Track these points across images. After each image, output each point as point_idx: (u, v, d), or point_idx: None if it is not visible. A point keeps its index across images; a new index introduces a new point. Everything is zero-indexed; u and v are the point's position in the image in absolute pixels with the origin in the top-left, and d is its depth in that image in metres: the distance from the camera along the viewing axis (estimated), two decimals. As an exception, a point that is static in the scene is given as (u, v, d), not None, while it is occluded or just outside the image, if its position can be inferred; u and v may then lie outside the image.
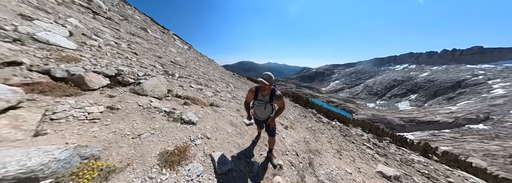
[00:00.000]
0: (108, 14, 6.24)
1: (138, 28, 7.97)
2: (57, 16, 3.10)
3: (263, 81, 1.28)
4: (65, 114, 1.08)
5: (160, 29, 13.13)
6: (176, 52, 8.48)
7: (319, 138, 4.26)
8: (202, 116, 1.93)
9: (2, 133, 0.78)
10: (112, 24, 5.47)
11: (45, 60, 1.52)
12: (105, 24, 4.80)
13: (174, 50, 8.61)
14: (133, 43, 4.56)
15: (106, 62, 2.11)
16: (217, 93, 3.77)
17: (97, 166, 0.81)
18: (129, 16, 9.53)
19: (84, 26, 3.41)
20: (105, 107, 1.31)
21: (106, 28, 4.47)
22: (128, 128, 1.20)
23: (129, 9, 11.95)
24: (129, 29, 6.44)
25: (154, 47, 6.03)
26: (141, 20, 11.72)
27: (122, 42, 4.02)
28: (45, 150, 0.73)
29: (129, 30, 6.19)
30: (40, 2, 3.22)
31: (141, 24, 9.74)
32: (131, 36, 5.46)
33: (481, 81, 50.04)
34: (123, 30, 5.55)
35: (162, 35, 11.50)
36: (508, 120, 30.35)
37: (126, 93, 1.68)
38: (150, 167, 0.97)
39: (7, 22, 1.83)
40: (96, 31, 3.57)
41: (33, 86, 1.07)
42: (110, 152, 0.96)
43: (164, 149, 1.14)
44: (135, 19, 10.47)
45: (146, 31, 8.38)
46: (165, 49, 7.44)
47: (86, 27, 3.42)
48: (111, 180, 0.81)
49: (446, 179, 4.48)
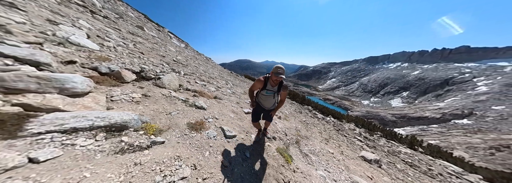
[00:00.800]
0: (104, 13, 6.14)
1: (134, 26, 8.03)
2: (71, 19, 3.43)
3: (281, 77, 1.31)
4: (118, 97, 1.56)
5: (155, 27, 12.71)
6: (175, 51, 8.68)
7: (311, 129, 4.59)
8: (209, 105, 2.42)
9: (92, 105, 1.26)
10: (111, 23, 5.56)
11: (88, 59, 1.96)
12: (106, 24, 5.03)
13: (173, 49, 8.82)
14: (137, 43, 4.89)
15: (128, 61, 2.54)
16: (219, 88, 4.25)
17: (152, 126, 1.31)
18: (123, 13, 9.16)
19: (93, 27, 3.74)
20: (140, 94, 1.78)
21: (109, 29, 4.73)
22: (161, 109, 1.69)
23: (121, 5, 11.16)
24: (127, 28, 6.47)
25: (155, 46, 6.31)
26: (135, 17, 11.29)
27: (128, 42, 4.36)
28: (127, 113, 1.22)
29: (128, 29, 6.35)
30: (50, 4, 3.50)
31: (136, 22, 9.29)
32: (132, 36, 5.69)
33: (467, 79, 53.20)
34: (124, 30, 5.64)
35: (158, 33, 11.51)
36: (489, 115, 32.60)
37: (150, 86, 2.14)
38: (183, 129, 1.47)
39: (46, 28, 2.22)
40: (104, 32, 3.91)
41: (91, 79, 1.52)
42: (155, 121, 1.45)
43: (189, 122, 1.64)
44: (129, 17, 9.85)
45: (143, 30, 8.46)
46: (164, 48, 7.67)
47: (94, 28, 3.76)
48: (163, 134, 1.31)
49: (427, 167, 4.93)
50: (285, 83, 1.50)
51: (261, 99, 1.65)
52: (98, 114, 1.10)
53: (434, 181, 3.93)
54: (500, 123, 27.92)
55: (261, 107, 1.71)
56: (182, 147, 1.24)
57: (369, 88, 75.41)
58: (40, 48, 1.65)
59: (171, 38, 13.96)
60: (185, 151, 1.21)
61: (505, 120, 28.57)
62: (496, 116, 31.07)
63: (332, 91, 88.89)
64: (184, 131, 1.46)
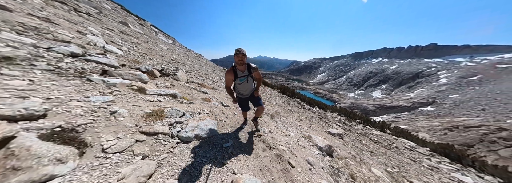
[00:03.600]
0: (83, 8, 5.75)
1: (118, 22, 7.44)
2: (82, 26, 4.10)
3: (240, 52, 1.36)
4: (160, 85, 2.72)
5: (137, 21, 11.39)
6: (167, 49, 8.85)
7: (291, 113, 4.96)
8: (210, 92, 3.65)
9: (153, 88, 2.43)
10: (98, 21, 5.29)
11: (129, 62, 3.00)
12: (97, 23, 4.93)
13: (164, 47, 9.03)
14: (135, 44, 5.47)
15: (149, 62, 3.58)
16: (214, 82, 5.42)
17: (186, 97, 2.54)
18: (100, 7, 7.86)
19: (97, 31, 4.26)
20: (170, 84, 2.94)
21: (107, 31, 4.85)
22: (184, 91, 2.90)
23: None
24: (115, 26, 6.15)
25: (150, 46, 6.81)
26: (112, 10, 9.53)
27: (129, 44, 4.99)
28: (175, 91, 2.46)
29: (119, 29, 6.10)
30: (56, 13, 3.95)
31: (117, 17, 8.44)
32: (125, 36, 5.68)
33: (432, 73, 62.08)
34: (116, 30, 5.62)
35: (143, 29, 10.53)
36: (447, 103, 39.21)
37: (171, 79, 3.29)
38: (200, 100, 2.75)
39: (87, 40, 3.11)
40: (109, 36, 4.59)
41: (146, 75, 2.64)
42: (185, 96, 2.67)
43: (202, 98, 2.91)
44: (107, 10, 8.61)
45: (128, 26, 7.97)
46: (156, 46, 7.44)
47: (102, 33, 4.44)
48: (193, 105, 2.55)
49: (388, 143, 5.52)
50: (253, 65, 1.55)
51: (239, 89, 1.66)
52: (165, 91, 2.34)
53: (389, 151, 4.54)
54: (454, 108, 33.81)
55: (244, 97, 1.72)
56: (202, 106, 2.51)
57: (355, 82, 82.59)
58: (105, 56, 2.67)
59: (156, 33, 12.85)
60: (204, 107, 2.47)
61: (457, 106, 34.46)
62: (451, 103, 37.57)
63: (322, 85, 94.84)
64: (201, 100, 2.74)
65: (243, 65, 1.53)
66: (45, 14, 3.21)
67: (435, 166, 4.27)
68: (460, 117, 28.05)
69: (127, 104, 1.70)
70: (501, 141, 15.03)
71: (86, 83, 1.78)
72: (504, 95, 33.39)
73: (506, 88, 37.40)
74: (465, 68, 57.66)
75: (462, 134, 17.60)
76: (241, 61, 1.48)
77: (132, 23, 9.61)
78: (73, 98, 1.45)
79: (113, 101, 1.63)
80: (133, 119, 1.49)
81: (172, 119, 1.66)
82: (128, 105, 1.67)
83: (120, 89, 1.93)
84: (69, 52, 2.16)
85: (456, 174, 3.95)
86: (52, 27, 2.73)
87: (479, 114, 27.15)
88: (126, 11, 12.15)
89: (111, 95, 1.74)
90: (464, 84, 47.56)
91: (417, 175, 3.26)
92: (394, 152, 4.76)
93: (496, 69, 50.61)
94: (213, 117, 2.10)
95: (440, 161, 4.90)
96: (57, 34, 2.57)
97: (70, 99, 1.43)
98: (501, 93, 34.50)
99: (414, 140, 7.07)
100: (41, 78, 1.57)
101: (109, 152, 1.10)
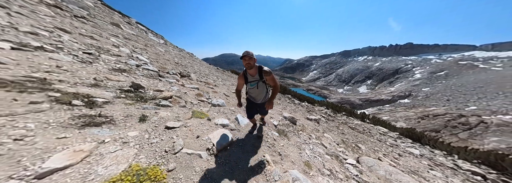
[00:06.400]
0: (74, 10, 5.71)
1: (109, 24, 7.28)
2: (105, 37, 4.31)
3: (247, 55, 1.27)
4: (186, 83, 3.32)
5: (122, 19, 10.78)
6: (164, 52, 9.03)
7: (277, 105, 5.33)
8: (214, 88, 4.40)
9: (187, 84, 3.01)
10: (96, 26, 5.37)
11: (160, 68, 3.46)
12: (99, 29, 5.07)
13: (162, 50, 9.07)
14: (143, 49, 5.72)
15: (169, 67, 4.03)
16: (214, 81, 6.10)
17: (203, 90, 3.17)
18: (87, 7, 7.46)
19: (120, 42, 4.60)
20: (189, 82, 3.57)
21: (111, 37, 5.18)
22: (200, 87, 3.59)
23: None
24: (114, 31, 6.25)
25: (153, 50, 7.01)
26: (94, 7, 8.75)
27: (141, 50, 5.29)
28: (195, 86, 3.08)
29: (122, 34, 6.42)
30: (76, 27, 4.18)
31: (104, 16, 8.06)
32: (131, 42, 6.06)
33: (409, 69, 69.68)
34: (120, 36, 5.92)
35: (132, 29, 10.51)
36: (420, 95, 44.80)
37: (188, 79, 3.99)
38: (212, 92, 3.43)
39: (125, 52, 3.47)
40: (123, 43, 4.84)
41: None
42: (202, 89, 3.34)
43: (212, 91, 3.72)
44: (91, 8, 8.01)
45: (120, 28, 7.76)
46: (156, 49, 7.91)
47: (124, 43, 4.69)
48: (206, 95, 3.20)
49: (363, 128, 6.10)
50: (266, 68, 1.44)
51: (251, 94, 1.61)
52: (192, 86, 3.20)
53: (360, 134, 5.10)
54: (425, 100, 39.16)
55: (254, 102, 1.66)
56: (214, 94, 3.30)
57: (343, 78, 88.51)
58: (147, 65, 3.13)
59: (146, 33, 12.70)
60: (217, 95, 3.28)
61: (428, 98, 40.16)
62: (424, 95, 43.20)
63: (314, 82, 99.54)
64: (212, 92, 3.58)
65: (253, 68, 1.43)
66: (84, 31, 3.79)
67: (395, 144, 5.19)
68: (430, 107, 32.67)
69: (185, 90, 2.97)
70: (461, 126, 18.29)
71: (161, 81, 3.00)
72: (464, 87, 39.39)
73: (466, 81, 44.29)
74: (435, 64, 65.62)
75: (431, 121, 20.88)
76: (248, 65, 1.39)
77: (122, 23, 9.24)
78: (170, 88, 2.79)
79: (179, 89, 2.95)
80: (194, 95, 2.89)
81: (204, 97, 3.08)
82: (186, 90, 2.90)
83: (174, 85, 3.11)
84: (135, 64, 3.24)
85: (409, 149, 4.94)
86: (99, 44, 3.48)
87: (445, 104, 32.27)
88: (107, 7, 11.07)
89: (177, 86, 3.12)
90: (434, 78, 54.58)
91: (372, 147, 3.97)
92: (366, 135, 5.31)
93: (458, 65, 58.73)
94: (223, 98, 3.49)
95: (404, 142, 6.04)
96: (111, 50, 3.30)
97: (167, 90, 2.70)
98: (461, 86, 40.61)
99: (387, 126, 8.31)
100: (144, 79, 2.64)
101: (193, 103, 2.57)
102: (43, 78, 1.56)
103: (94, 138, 1.12)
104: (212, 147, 1.48)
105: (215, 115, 2.35)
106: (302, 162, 1.92)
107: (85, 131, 1.16)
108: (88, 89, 1.77)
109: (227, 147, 1.60)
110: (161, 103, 2.05)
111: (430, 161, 4.05)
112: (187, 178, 1.09)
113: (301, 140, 2.59)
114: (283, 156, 1.88)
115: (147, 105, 1.90)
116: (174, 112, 1.99)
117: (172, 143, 1.37)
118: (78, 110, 1.35)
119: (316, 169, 1.90)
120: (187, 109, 2.23)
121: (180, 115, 1.94)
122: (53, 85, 1.53)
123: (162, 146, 1.30)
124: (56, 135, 1.03)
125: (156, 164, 1.09)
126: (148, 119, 1.60)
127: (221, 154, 1.47)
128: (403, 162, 3.40)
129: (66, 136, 1.05)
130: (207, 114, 2.24)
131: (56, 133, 1.05)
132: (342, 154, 2.81)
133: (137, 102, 1.89)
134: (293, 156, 1.97)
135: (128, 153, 1.07)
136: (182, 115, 1.96)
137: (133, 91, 2.10)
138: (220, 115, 2.39)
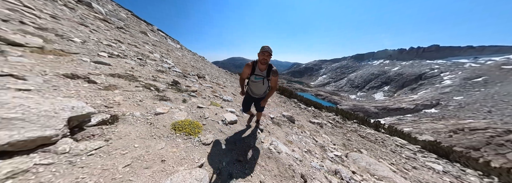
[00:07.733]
0: (115, 23, 6.59)
1: (138, 32, 8.25)
2: (140, 43, 5.82)
3: (267, 51, 1.29)
4: (203, 83, 4.40)
5: (148, 27, 12.17)
6: (181, 56, 10.42)
7: (279, 107, 5.88)
8: (223, 88, 5.34)
9: (205, 83, 4.08)
10: (133, 36, 6.25)
11: (183, 70, 4.66)
12: (135, 37, 6.32)
13: (179, 54, 10.51)
14: (166, 54, 7.17)
15: (188, 69, 5.24)
16: (224, 82, 7.20)
17: (216, 88, 4.16)
18: (124, 18, 8.85)
19: (150, 49, 6.10)
20: (204, 82, 4.66)
21: (145, 45, 6.75)
22: (213, 86, 4.65)
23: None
24: (143, 38, 7.05)
25: (174, 54, 8.49)
26: (127, 18, 10.15)
27: (166, 55, 6.73)
28: (210, 85, 4.13)
29: (151, 42, 7.53)
30: (112, 31, 5.75)
31: (134, 25, 9.23)
32: (157, 48, 7.34)
33: (436, 74, 62.93)
34: (150, 43, 7.11)
35: (155, 35, 11.38)
36: (451, 105, 39.42)
37: (203, 80, 5.12)
38: (222, 91, 4.39)
39: (160, 58, 4.79)
40: (154, 51, 6.32)
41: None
42: (215, 88, 4.36)
43: (222, 90, 4.75)
44: (124, 19, 9.37)
45: (147, 35, 8.87)
46: (175, 54, 8.89)
47: (153, 50, 6.18)
48: (219, 92, 4.19)
49: (375, 138, 5.64)
50: (274, 68, 1.50)
51: (251, 86, 1.68)
52: (208, 84, 4.27)
53: (372, 144, 4.70)
54: (459, 110, 32.85)
55: (251, 96, 1.75)
56: (225, 93, 4.26)
57: (356, 84, 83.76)
58: (174, 67, 4.34)
59: (166, 38, 13.75)
60: (226, 93, 4.18)
61: (462, 108, 33.64)
62: (456, 105, 37.50)
63: (323, 87, 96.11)
64: (222, 90, 4.59)
65: (265, 64, 1.50)
66: (129, 41, 5.24)
67: (412, 156, 4.47)
68: (466, 119, 27.84)
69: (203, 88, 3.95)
70: (509, 144, 14.99)
71: (186, 80, 3.99)
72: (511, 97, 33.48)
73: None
74: (469, 69, 58.15)
75: (468, 136, 17.63)
76: (264, 60, 1.44)
77: (148, 31, 10.23)
78: (194, 85, 3.78)
79: (199, 87, 3.89)
80: (210, 91, 3.83)
81: (217, 93, 3.96)
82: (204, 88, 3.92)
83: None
84: (167, 67, 4.29)
85: (430, 163, 4.19)
86: (141, 51, 4.82)
87: (486, 116, 27.24)
88: (136, 17, 12.80)
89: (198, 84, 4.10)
90: (469, 85, 47.76)
91: (380, 155, 3.61)
92: (377, 145, 4.81)
93: (502, 70, 50.79)
94: (231, 96, 4.34)
95: (426, 156, 4.98)
96: (150, 56, 4.63)
97: (193, 86, 3.70)
98: (508, 95, 34.48)
99: (405, 138, 7.31)
100: (176, 78, 3.78)
101: (210, 97, 3.50)
102: (132, 74, 2.72)
103: (166, 105, 2.19)
104: (225, 120, 2.43)
105: (226, 105, 3.26)
106: (285, 140, 2.62)
107: (161, 102, 2.24)
108: (152, 82, 2.89)
109: (233, 123, 2.47)
110: (191, 94, 3.09)
111: (456, 179, 3.47)
112: (212, 129, 2.06)
113: (292, 132, 3.07)
114: (271, 133, 2.65)
115: (184, 94, 2.95)
116: (199, 100, 2.97)
117: (203, 113, 2.37)
118: (154, 92, 2.46)
119: (296, 146, 2.56)
120: (207, 100, 3.19)
121: (203, 103, 2.91)
122: (138, 78, 2.67)
123: (198, 114, 2.31)
124: (153, 101, 2.14)
125: (197, 121, 2.08)
126: (187, 101, 2.64)
127: (229, 125, 2.39)
128: (415, 174, 3.05)
129: (155, 102, 2.14)
130: (220, 104, 3.17)
131: (152, 101, 2.15)
132: (332, 149, 2.85)
133: (178, 91, 2.95)
134: (279, 135, 2.71)
135: (184, 114, 2.13)
136: (205, 103, 2.93)
137: (174, 85, 3.20)
138: (229, 106, 3.28)
